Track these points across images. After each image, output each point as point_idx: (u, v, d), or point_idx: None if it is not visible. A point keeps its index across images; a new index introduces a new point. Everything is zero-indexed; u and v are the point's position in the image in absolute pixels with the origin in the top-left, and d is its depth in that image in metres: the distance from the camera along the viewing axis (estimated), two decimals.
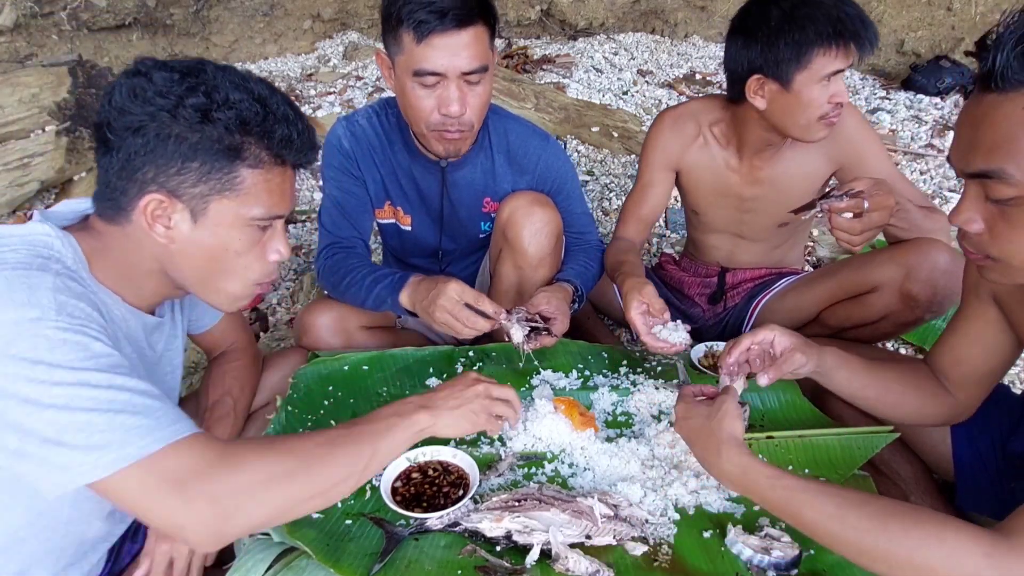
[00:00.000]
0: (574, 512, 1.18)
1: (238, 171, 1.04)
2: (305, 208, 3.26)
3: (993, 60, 0.92)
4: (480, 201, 1.86)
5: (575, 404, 1.49)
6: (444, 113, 1.57)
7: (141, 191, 1.03)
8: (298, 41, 5.06)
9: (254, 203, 1.07)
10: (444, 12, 1.48)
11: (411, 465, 1.33)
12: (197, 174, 1.02)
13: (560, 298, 1.67)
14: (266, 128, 1.04)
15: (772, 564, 1.16)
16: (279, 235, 1.14)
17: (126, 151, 1.01)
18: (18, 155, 2.90)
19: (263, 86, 1.07)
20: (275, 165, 1.07)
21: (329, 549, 1.14)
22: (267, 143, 1.05)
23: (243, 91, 1.03)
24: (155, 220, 1.04)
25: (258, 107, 1.03)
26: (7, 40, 3.90)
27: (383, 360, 1.67)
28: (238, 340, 1.56)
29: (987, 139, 0.94)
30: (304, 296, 2.53)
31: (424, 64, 1.52)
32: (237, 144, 1.03)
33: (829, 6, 1.62)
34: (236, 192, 1.05)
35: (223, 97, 1.01)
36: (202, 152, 1.01)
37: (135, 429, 0.90)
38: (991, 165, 0.94)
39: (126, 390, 0.92)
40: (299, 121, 1.09)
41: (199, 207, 1.04)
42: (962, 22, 4.78)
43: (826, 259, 2.77)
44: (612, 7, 5.34)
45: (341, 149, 1.79)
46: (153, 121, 0.99)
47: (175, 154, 1.01)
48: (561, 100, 4.00)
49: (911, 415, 1.40)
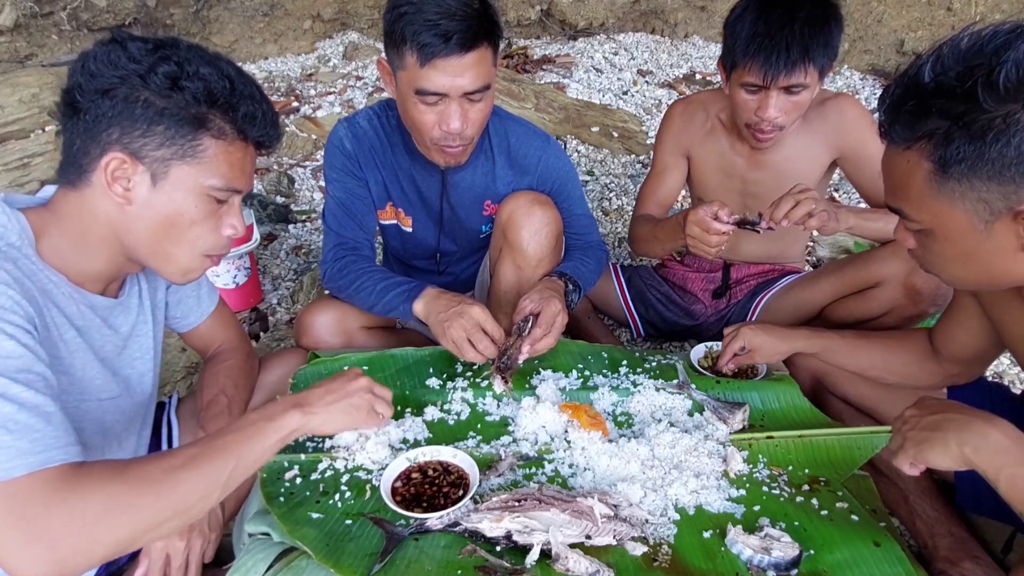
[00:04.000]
0: (574, 512, 1.18)
1: (201, 139, 1.08)
2: (305, 208, 3.26)
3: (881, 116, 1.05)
4: (480, 204, 1.86)
5: (583, 408, 1.50)
6: (445, 130, 1.57)
7: (104, 151, 1.06)
8: (298, 41, 5.06)
9: (213, 173, 1.10)
10: (449, 36, 1.47)
11: (411, 465, 1.33)
12: (161, 138, 1.06)
13: (542, 288, 1.67)
14: (232, 103, 1.09)
15: (772, 564, 1.16)
16: (235, 210, 1.17)
17: (94, 112, 1.04)
18: (18, 155, 2.90)
19: (232, 68, 1.12)
20: (237, 139, 1.12)
21: (329, 549, 1.14)
22: (231, 116, 1.10)
23: (213, 67, 1.08)
24: (115, 180, 1.06)
25: (226, 82, 1.08)
26: (7, 40, 3.90)
27: (383, 360, 1.67)
28: (229, 338, 1.55)
29: (889, 183, 1.10)
30: (304, 296, 2.53)
31: (426, 85, 1.52)
32: (203, 114, 1.07)
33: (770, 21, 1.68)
34: (197, 159, 1.09)
35: (194, 69, 1.06)
36: (168, 117, 1.05)
37: (2, 449, 0.87)
38: (895, 204, 1.09)
39: (14, 402, 0.89)
40: (264, 102, 1.14)
41: (160, 170, 1.07)
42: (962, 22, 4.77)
43: (826, 259, 2.77)
44: (612, 7, 5.34)
45: (343, 150, 1.79)
46: (123, 84, 1.04)
47: (142, 117, 1.04)
48: (561, 100, 4.00)
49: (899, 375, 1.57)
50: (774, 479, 1.39)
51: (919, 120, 0.99)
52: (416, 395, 1.60)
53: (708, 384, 1.67)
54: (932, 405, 1.13)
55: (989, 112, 0.92)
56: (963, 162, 0.96)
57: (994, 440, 1.03)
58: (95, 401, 1.20)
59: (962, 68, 0.93)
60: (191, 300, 1.47)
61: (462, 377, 1.64)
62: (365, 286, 1.71)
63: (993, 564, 1.37)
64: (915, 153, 1.01)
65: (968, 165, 0.95)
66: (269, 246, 2.93)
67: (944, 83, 0.95)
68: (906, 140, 1.01)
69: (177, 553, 1.25)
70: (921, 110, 0.98)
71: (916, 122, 0.99)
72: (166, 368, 2.01)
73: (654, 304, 2.28)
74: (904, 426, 1.14)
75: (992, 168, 0.94)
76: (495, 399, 1.58)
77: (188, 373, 2.08)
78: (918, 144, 1.00)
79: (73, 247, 1.12)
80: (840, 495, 1.35)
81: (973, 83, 0.91)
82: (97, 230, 1.11)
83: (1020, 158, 0.92)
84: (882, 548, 1.21)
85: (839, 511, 1.31)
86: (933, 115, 0.97)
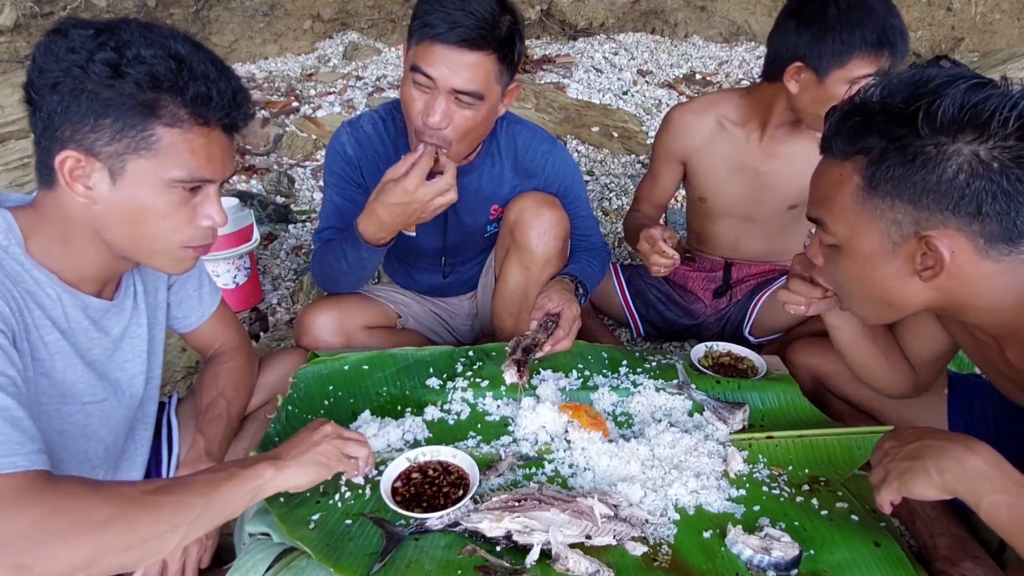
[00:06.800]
0: (574, 512, 1.18)
1: (153, 129, 1.01)
2: (305, 208, 3.26)
3: (826, 128, 1.12)
4: (487, 208, 1.86)
5: (583, 408, 1.50)
6: (425, 121, 1.55)
7: (60, 149, 1.01)
8: (298, 41, 5.06)
9: (173, 164, 1.04)
10: (454, 26, 1.47)
11: (411, 465, 1.33)
12: (111, 131, 1.00)
13: (561, 290, 1.69)
14: (179, 85, 1.01)
15: (772, 564, 1.16)
16: (211, 199, 1.11)
17: (46, 109, 1.00)
18: (18, 155, 2.90)
19: (187, 45, 1.04)
20: (195, 124, 1.04)
21: (329, 549, 1.14)
22: (182, 99, 1.02)
23: (159, 47, 1.00)
24: (74, 179, 1.02)
25: (172, 63, 1.00)
26: (7, 40, 3.90)
27: (383, 360, 1.67)
28: (230, 339, 1.54)
29: (816, 194, 1.17)
30: (304, 296, 2.53)
31: (420, 62, 1.52)
32: (150, 101, 1.00)
33: (879, 13, 1.69)
34: (153, 151, 1.02)
35: (134, 53, 0.99)
36: (114, 108, 0.99)
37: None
38: (818, 215, 1.16)
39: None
40: (222, 80, 1.05)
41: (116, 166, 1.02)
42: (962, 22, 4.78)
43: None
44: (612, 7, 5.34)
45: (344, 156, 1.78)
46: (67, 77, 0.98)
47: (88, 111, 0.99)
48: (561, 100, 4.00)
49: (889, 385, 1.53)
50: (774, 479, 1.39)
51: (859, 136, 1.06)
52: (416, 395, 1.60)
53: (708, 384, 1.68)
54: (909, 434, 1.12)
55: (923, 139, 1.00)
56: (890, 181, 1.03)
57: (972, 466, 1.02)
58: (78, 404, 1.18)
59: (908, 94, 1.02)
60: (192, 300, 1.46)
61: (462, 377, 1.64)
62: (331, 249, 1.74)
63: (993, 564, 1.37)
64: (849, 166, 1.08)
65: (894, 185, 1.03)
66: (269, 246, 2.93)
67: (890, 105, 1.03)
68: (844, 153, 1.08)
69: (173, 560, 1.25)
70: (864, 126, 1.05)
71: (857, 137, 1.06)
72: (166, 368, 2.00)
73: (654, 303, 2.29)
74: (884, 458, 1.13)
75: (914, 192, 1.02)
76: (508, 393, 1.58)
77: (188, 373, 2.08)
78: (854, 158, 1.07)
79: (61, 247, 1.10)
80: (840, 495, 1.35)
81: (916, 109, 0.99)
82: (78, 230, 1.08)
83: (939, 187, 1.00)
84: (882, 548, 1.21)
85: (839, 511, 1.31)
86: (874, 133, 1.04)
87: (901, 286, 1.10)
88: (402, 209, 1.54)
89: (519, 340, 1.57)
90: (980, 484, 1.01)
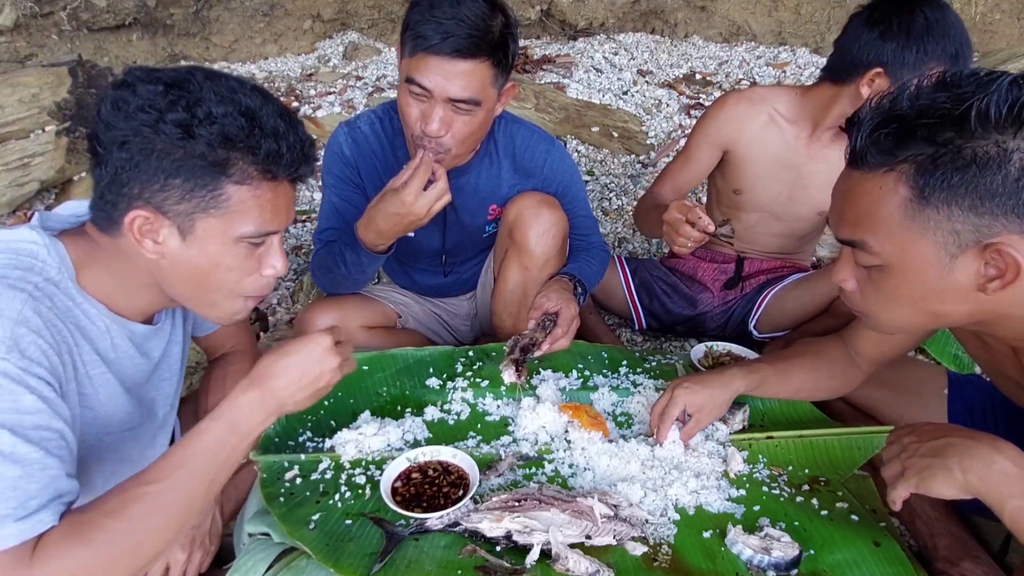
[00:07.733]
0: (574, 512, 1.18)
1: (223, 188, 1.00)
2: (305, 208, 3.26)
3: (855, 141, 1.03)
4: (485, 208, 1.86)
5: (584, 408, 1.50)
6: (424, 129, 1.55)
7: (129, 206, 1.00)
8: (298, 41, 5.05)
9: (242, 221, 1.03)
10: (446, 36, 1.47)
11: (411, 465, 1.33)
12: (181, 191, 0.99)
13: (559, 289, 1.69)
14: (252, 143, 1.00)
15: (772, 564, 1.16)
16: (275, 249, 1.11)
17: (113, 165, 0.99)
18: (18, 155, 2.90)
19: (255, 96, 1.02)
20: (264, 180, 1.03)
21: (329, 549, 1.14)
22: (253, 158, 1.01)
23: (229, 103, 0.99)
24: (143, 236, 1.02)
25: (243, 121, 0.99)
26: (7, 40, 3.90)
27: (383, 360, 1.67)
28: (241, 342, 1.55)
29: (852, 212, 1.05)
30: (304, 296, 2.53)
31: (414, 74, 1.52)
32: (222, 160, 0.99)
33: (959, 28, 1.72)
34: (222, 210, 1.01)
35: (206, 112, 0.97)
36: (185, 169, 0.98)
37: None
38: (855, 236, 1.05)
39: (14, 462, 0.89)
40: (291, 134, 1.04)
41: (186, 224, 1.01)
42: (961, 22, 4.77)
43: (826, 259, 2.77)
44: (612, 7, 5.34)
45: (342, 156, 1.78)
46: (136, 136, 0.97)
47: (158, 170, 0.98)
48: (561, 100, 3.99)
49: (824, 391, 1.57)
50: (774, 479, 1.39)
51: (900, 145, 0.97)
52: (416, 395, 1.60)
53: None
54: (931, 430, 1.09)
55: (978, 140, 0.91)
56: (946, 189, 0.94)
57: (1000, 467, 0.98)
58: (117, 433, 1.18)
59: (949, 95, 0.93)
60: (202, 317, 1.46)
61: (462, 377, 1.64)
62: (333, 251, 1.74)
63: (993, 564, 1.37)
64: (891, 178, 0.98)
65: (950, 192, 0.94)
66: None
67: (930, 109, 0.94)
68: (884, 164, 0.99)
69: (177, 564, 1.25)
70: (904, 134, 0.96)
71: (897, 146, 0.97)
72: None
73: (659, 295, 2.30)
74: (903, 453, 1.09)
75: (973, 198, 0.93)
76: (508, 393, 1.58)
77: (188, 373, 2.08)
78: (898, 168, 0.98)
79: (116, 285, 1.09)
80: (840, 495, 1.35)
81: (967, 108, 0.91)
82: (136, 277, 1.09)
83: (1005, 190, 0.92)
84: (882, 548, 1.21)
85: (839, 511, 1.31)
86: (917, 140, 0.95)
87: (953, 300, 1.01)
88: (399, 219, 1.55)
89: (517, 340, 1.57)
90: (1006, 486, 0.98)
